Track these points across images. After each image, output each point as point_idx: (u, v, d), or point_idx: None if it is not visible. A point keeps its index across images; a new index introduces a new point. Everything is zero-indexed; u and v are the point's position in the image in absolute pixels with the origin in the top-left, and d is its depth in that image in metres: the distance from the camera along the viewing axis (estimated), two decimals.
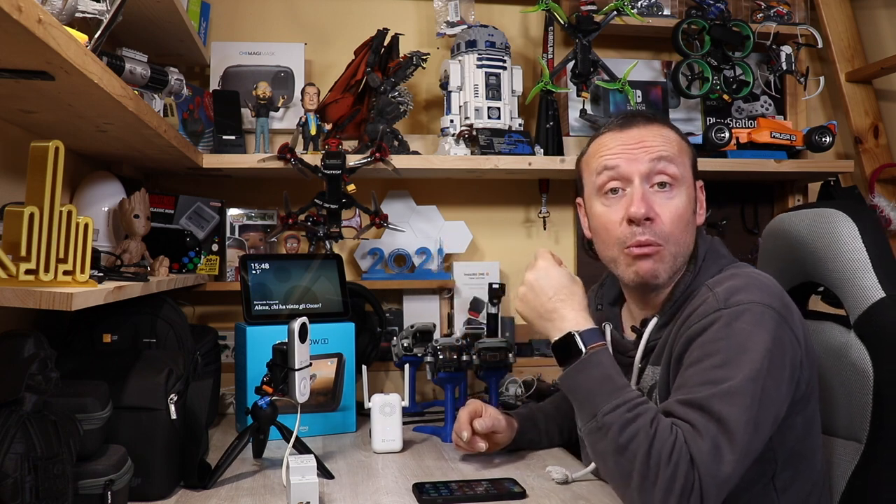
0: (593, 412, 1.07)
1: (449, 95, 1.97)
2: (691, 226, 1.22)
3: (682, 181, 1.21)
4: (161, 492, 1.22)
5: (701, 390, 1.04)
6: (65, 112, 1.16)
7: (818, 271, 1.36)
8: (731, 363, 1.05)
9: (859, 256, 1.28)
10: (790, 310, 1.12)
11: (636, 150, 1.20)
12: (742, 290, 1.11)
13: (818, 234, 1.34)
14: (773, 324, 1.07)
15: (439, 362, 1.59)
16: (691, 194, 1.23)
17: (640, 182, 1.19)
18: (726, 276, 1.17)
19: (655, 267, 1.19)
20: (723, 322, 1.08)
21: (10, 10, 0.72)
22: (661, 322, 1.21)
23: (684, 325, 1.14)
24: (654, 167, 1.19)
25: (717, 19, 2.08)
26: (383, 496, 1.23)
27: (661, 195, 1.19)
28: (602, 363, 1.10)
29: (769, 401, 1.05)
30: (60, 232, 0.98)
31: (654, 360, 1.21)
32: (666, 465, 0.99)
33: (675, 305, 1.20)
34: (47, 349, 0.95)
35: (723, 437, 1.01)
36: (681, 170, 1.21)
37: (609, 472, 1.08)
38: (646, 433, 1.01)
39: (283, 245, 2.03)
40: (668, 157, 1.20)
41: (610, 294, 1.38)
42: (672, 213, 1.18)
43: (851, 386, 1.28)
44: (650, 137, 1.21)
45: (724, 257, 1.24)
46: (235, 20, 2.08)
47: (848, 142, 2.25)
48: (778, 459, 1.14)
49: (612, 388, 1.07)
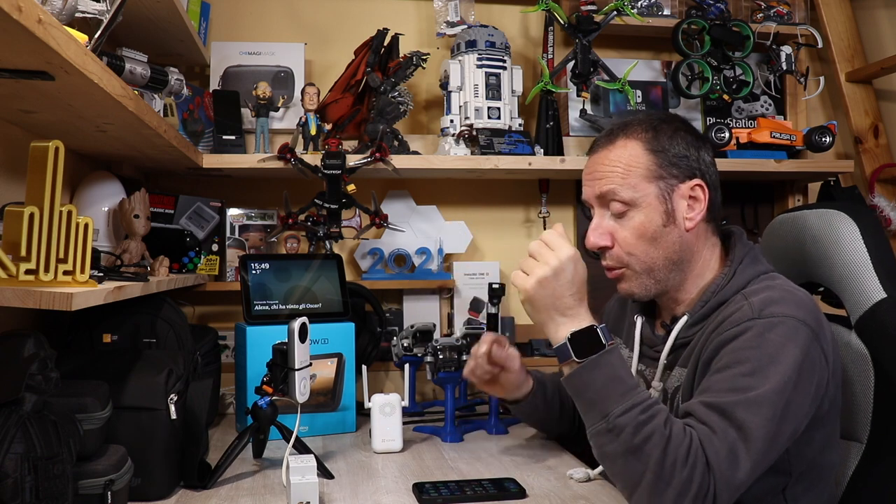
0: (604, 413, 1.05)
1: (449, 95, 1.97)
2: (663, 238, 1.21)
3: (637, 201, 1.20)
4: (161, 492, 1.22)
5: (726, 396, 1.04)
6: (65, 112, 1.16)
7: (819, 272, 1.36)
8: (759, 373, 1.05)
9: (860, 257, 1.28)
10: (823, 327, 1.12)
11: (591, 181, 1.26)
12: (778, 302, 1.11)
13: (819, 234, 1.34)
14: (805, 340, 1.07)
15: (439, 362, 1.59)
16: (656, 207, 1.20)
17: (599, 211, 1.25)
18: (763, 286, 1.16)
19: (628, 286, 1.24)
20: (755, 332, 1.08)
21: (10, 10, 0.72)
22: (692, 321, 1.21)
23: (716, 330, 1.14)
24: (604, 200, 1.23)
25: (717, 19, 2.08)
26: (383, 496, 1.23)
27: (619, 221, 1.22)
28: (612, 363, 1.08)
29: (791, 415, 1.05)
30: (60, 232, 0.98)
31: (682, 362, 1.21)
32: (682, 467, 0.98)
33: (708, 307, 1.20)
34: (47, 349, 0.95)
35: (741, 443, 1.01)
36: (629, 193, 1.20)
37: (617, 474, 1.07)
38: (661, 434, 1.01)
39: (283, 245, 2.03)
40: (610, 189, 1.21)
41: None
42: (629, 234, 1.21)
43: (852, 386, 1.28)
44: (600, 167, 1.24)
45: (761, 265, 1.23)
46: (235, 20, 2.08)
47: (848, 142, 2.25)
48: (793, 472, 1.14)
49: (624, 389, 1.06)
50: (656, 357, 1.26)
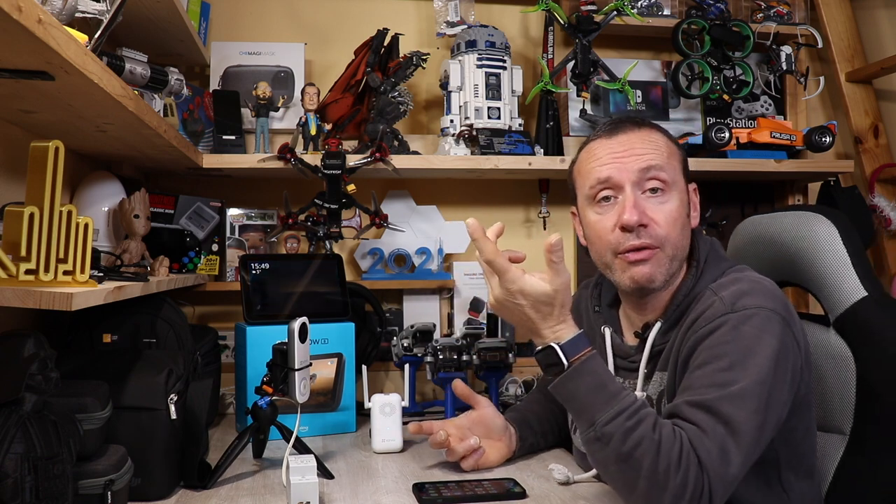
0: (591, 421, 1.05)
1: (449, 95, 1.97)
2: (686, 228, 1.23)
3: (674, 185, 1.21)
4: (161, 492, 1.22)
5: (708, 392, 1.05)
6: (65, 112, 1.16)
7: (794, 272, 1.40)
8: (738, 366, 1.05)
9: (840, 257, 1.33)
10: (793, 315, 1.13)
11: (626, 158, 1.20)
12: (748, 294, 1.12)
13: (796, 236, 1.39)
14: (779, 329, 1.08)
15: (439, 362, 1.59)
16: (684, 198, 1.23)
17: (631, 189, 1.19)
18: (730, 279, 1.17)
19: (652, 271, 1.18)
20: (730, 326, 1.09)
21: (10, 10, 0.72)
22: (665, 327, 1.21)
23: (690, 329, 1.15)
24: (645, 174, 1.19)
25: (717, 19, 2.08)
26: (383, 496, 1.23)
27: (654, 200, 1.19)
28: (593, 371, 1.07)
29: (774, 404, 1.06)
30: (60, 232, 0.98)
31: (661, 366, 1.21)
32: (676, 471, 0.98)
33: (679, 310, 1.20)
34: (47, 349, 0.95)
35: (730, 438, 1.01)
36: (671, 174, 1.21)
37: (612, 480, 1.08)
38: (651, 440, 1.00)
39: (283, 245, 2.03)
40: (657, 164, 1.20)
41: (608, 296, 1.37)
42: (666, 216, 1.19)
43: (833, 381, 1.33)
44: (639, 144, 1.21)
45: (724, 260, 1.25)
46: (235, 20, 2.08)
47: (848, 142, 2.25)
48: (781, 461, 1.15)
49: (608, 396, 1.05)
50: (632, 367, 1.25)
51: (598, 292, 1.39)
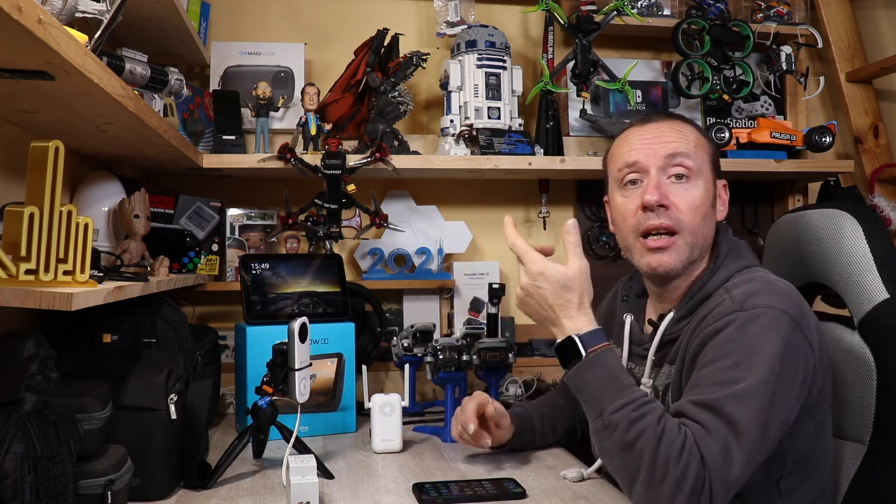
0: (599, 411, 1.08)
1: (449, 95, 1.97)
2: (709, 218, 1.25)
3: (699, 174, 1.24)
4: (161, 492, 1.22)
5: (713, 391, 1.05)
6: (65, 112, 1.16)
7: (822, 272, 1.36)
8: (743, 365, 1.06)
9: (863, 257, 1.28)
10: (805, 317, 1.13)
11: (653, 144, 1.25)
12: (758, 294, 1.12)
13: (822, 234, 1.34)
14: (786, 329, 1.09)
15: (439, 362, 1.59)
16: (709, 188, 1.25)
17: (656, 173, 1.23)
18: (744, 279, 1.18)
19: (670, 259, 1.22)
20: (737, 324, 1.10)
21: (10, 10, 0.72)
22: (678, 316, 1.23)
23: (700, 325, 1.16)
24: (671, 160, 1.23)
25: (717, 19, 2.08)
26: (383, 496, 1.23)
27: (678, 186, 1.23)
28: (607, 363, 1.10)
29: (780, 404, 1.06)
30: (60, 232, 0.98)
31: (670, 359, 1.22)
32: (676, 463, 0.99)
33: (693, 301, 1.22)
34: (47, 349, 0.95)
35: (733, 438, 1.02)
36: (697, 163, 1.24)
37: (616, 470, 1.09)
38: (653, 430, 1.02)
39: (283, 245, 2.03)
40: (683, 151, 1.23)
41: (637, 286, 1.40)
42: (688, 202, 1.21)
43: (854, 387, 1.28)
44: (668, 132, 1.25)
45: (745, 259, 1.25)
46: (235, 20, 2.08)
47: (848, 142, 2.25)
48: (787, 464, 1.15)
49: (619, 387, 1.08)
50: (645, 355, 1.27)
51: (630, 284, 1.43)
